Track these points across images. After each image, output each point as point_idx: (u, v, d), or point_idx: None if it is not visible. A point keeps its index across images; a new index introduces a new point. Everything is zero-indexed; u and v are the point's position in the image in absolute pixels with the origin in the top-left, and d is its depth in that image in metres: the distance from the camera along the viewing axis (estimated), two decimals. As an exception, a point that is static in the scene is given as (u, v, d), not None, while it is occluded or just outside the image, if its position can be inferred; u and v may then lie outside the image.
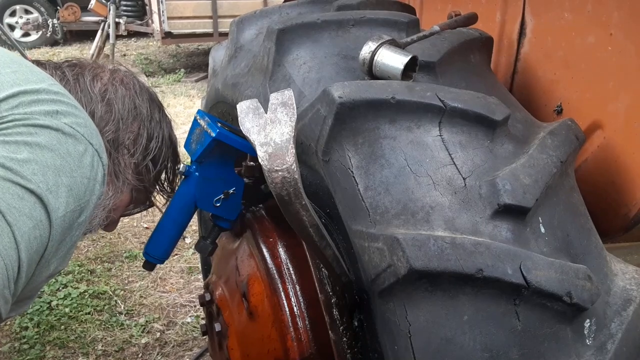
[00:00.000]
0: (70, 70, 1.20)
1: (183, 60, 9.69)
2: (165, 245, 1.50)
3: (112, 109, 1.21)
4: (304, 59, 1.29)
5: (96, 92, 1.20)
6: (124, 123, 1.22)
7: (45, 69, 1.15)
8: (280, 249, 1.45)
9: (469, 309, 0.93)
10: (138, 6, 8.79)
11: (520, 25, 1.59)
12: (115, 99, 1.22)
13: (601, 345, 0.99)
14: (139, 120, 1.26)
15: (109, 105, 1.20)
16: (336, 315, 1.14)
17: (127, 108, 1.23)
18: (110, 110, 1.20)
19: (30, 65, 1.02)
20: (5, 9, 9.76)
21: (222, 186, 1.45)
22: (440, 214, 0.98)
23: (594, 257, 1.09)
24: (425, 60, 1.20)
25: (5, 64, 0.98)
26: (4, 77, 0.94)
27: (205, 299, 1.64)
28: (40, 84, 0.97)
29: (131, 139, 1.24)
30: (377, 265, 0.97)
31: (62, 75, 1.18)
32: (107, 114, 1.20)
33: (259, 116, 0.93)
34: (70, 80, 1.18)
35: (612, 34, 1.29)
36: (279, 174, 0.88)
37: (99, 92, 1.20)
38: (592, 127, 1.36)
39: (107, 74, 1.26)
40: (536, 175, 1.02)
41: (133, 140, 1.24)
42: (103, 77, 1.23)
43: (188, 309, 3.18)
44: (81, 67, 1.23)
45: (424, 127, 1.07)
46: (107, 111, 1.20)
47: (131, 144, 1.24)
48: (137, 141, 1.25)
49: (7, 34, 5.03)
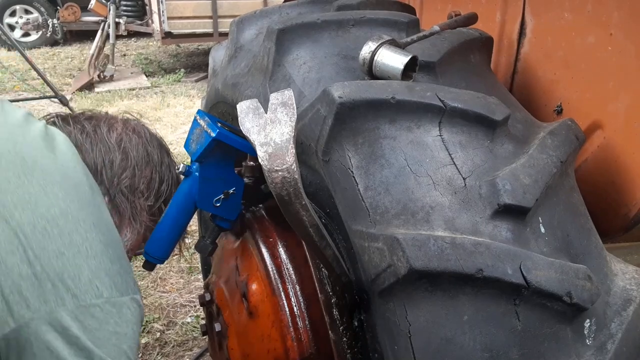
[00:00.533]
0: (88, 123, 1.31)
1: (183, 60, 9.69)
2: (165, 246, 1.50)
3: (128, 157, 1.32)
4: (304, 59, 1.29)
5: (113, 142, 1.30)
6: (139, 169, 1.33)
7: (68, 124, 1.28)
8: (280, 249, 1.45)
9: (469, 309, 0.93)
10: (138, 6, 8.78)
11: (520, 25, 1.59)
12: (130, 147, 1.33)
13: (601, 345, 1.00)
14: (152, 166, 1.37)
15: (125, 153, 1.31)
16: (336, 315, 1.14)
17: (141, 155, 1.34)
18: (126, 157, 1.31)
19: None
20: (5, 9, 9.75)
21: (222, 186, 1.45)
22: (440, 214, 0.98)
23: (594, 257, 1.09)
24: (425, 60, 1.20)
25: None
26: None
27: (205, 299, 1.64)
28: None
29: (145, 183, 1.35)
30: (377, 265, 0.97)
31: (82, 128, 1.29)
32: (123, 161, 1.31)
33: (259, 116, 0.93)
34: (90, 132, 1.29)
35: (612, 34, 1.29)
36: (279, 174, 0.88)
37: (115, 141, 1.31)
38: (592, 127, 1.36)
39: (121, 124, 1.37)
40: (536, 175, 1.02)
41: (147, 185, 1.35)
42: (117, 128, 1.35)
43: (188, 309, 3.18)
44: (97, 119, 1.34)
45: (424, 127, 1.07)
46: (124, 159, 1.31)
47: (145, 188, 1.35)
48: (150, 185, 1.36)
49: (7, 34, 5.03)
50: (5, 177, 1.02)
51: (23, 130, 1.13)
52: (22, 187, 1.02)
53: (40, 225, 1.00)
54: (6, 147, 1.06)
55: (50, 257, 0.99)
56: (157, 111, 6.74)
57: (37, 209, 1.01)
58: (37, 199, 1.03)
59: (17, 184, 1.02)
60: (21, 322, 0.96)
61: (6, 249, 0.96)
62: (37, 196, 1.03)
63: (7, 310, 0.95)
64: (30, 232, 0.99)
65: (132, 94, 7.46)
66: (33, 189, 1.03)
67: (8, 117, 1.15)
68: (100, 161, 1.26)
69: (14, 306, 0.95)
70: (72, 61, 9.37)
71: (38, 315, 0.96)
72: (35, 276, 0.97)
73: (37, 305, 0.96)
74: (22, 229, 0.99)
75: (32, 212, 1.00)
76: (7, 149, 1.06)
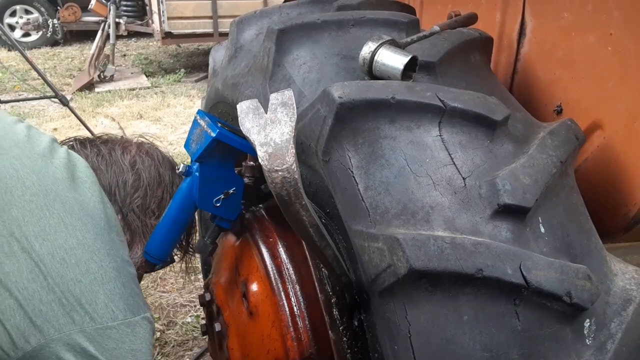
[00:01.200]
0: (104, 147, 1.41)
1: (183, 60, 9.69)
2: (165, 246, 1.50)
3: (141, 177, 1.40)
4: (304, 59, 1.29)
5: (127, 164, 1.39)
6: (151, 189, 1.41)
7: (85, 148, 1.38)
8: (280, 249, 1.45)
9: (469, 309, 0.93)
10: (138, 6, 8.78)
11: (520, 25, 1.59)
12: (142, 168, 1.41)
13: (601, 345, 1.00)
14: (163, 186, 1.45)
15: (138, 174, 1.40)
16: (336, 315, 1.14)
17: (153, 176, 1.43)
18: (138, 178, 1.40)
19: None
20: (5, 9, 9.75)
21: (222, 186, 1.45)
22: (440, 214, 0.98)
23: (594, 257, 1.09)
24: (425, 60, 1.20)
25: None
26: None
27: (205, 299, 1.64)
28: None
29: (156, 203, 1.43)
30: (377, 265, 0.97)
31: (99, 151, 1.38)
32: (136, 181, 1.39)
33: (259, 116, 0.93)
34: (106, 155, 1.38)
35: (612, 34, 1.29)
36: (279, 174, 0.88)
37: (129, 163, 1.40)
38: (592, 127, 1.36)
39: (135, 147, 1.46)
40: (536, 175, 1.02)
41: (158, 204, 1.43)
42: (131, 150, 1.44)
43: (188, 309, 3.18)
44: (112, 142, 1.44)
45: (423, 127, 1.07)
46: (136, 179, 1.39)
47: (156, 208, 1.43)
48: (161, 205, 1.44)
49: (7, 34, 5.03)
50: (29, 210, 1.10)
51: (47, 162, 1.20)
52: (43, 219, 1.11)
53: (59, 255, 1.09)
54: (31, 180, 1.14)
55: (68, 284, 1.07)
56: (157, 111, 6.74)
57: (56, 240, 1.10)
58: (56, 230, 1.11)
59: (39, 216, 1.11)
60: (42, 342, 1.04)
61: (28, 277, 1.05)
62: (57, 227, 1.11)
63: (30, 330, 1.03)
64: (50, 262, 1.07)
65: (132, 94, 7.46)
66: (53, 221, 1.11)
67: (34, 145, 1.22)
68: (114, 182, 1.35)
69: (37, 327, 1.04)
70: (73, 61, 9.37)
71: (58, 336, 1.05)
72: (55, 301, 1.05)
73: (58, 327, 1.05)
74: (41, 259, 1.07)
75: (51, 243, 1.09)
76: (31, 182, 1.14)
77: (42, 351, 1.04)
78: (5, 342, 1.03)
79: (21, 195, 1.11)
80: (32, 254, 1.06)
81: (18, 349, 1.04)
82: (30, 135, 1.25)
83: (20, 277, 1.05)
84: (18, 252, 1.06)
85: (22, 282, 1.04)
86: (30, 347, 1.04)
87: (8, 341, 1.03)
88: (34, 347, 1.04)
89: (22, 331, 1.03)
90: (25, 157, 1.18)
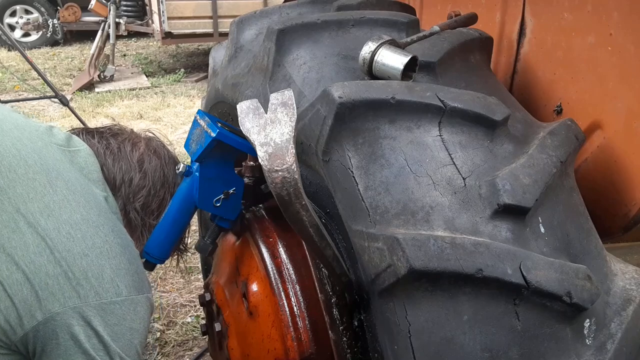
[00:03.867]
0: (114, 140, 1.41)
1: (183, 60, 9.69)
2: (165, 245, 1.50)
3: (146, 177, 1.41)
4: (304, 59, 1.29)
5: (135, 162, 1.40)
6: (154, 189, 1.42)
7: (92, 137, 1.38)
8: (280, 249, 1.45)
9: (468, 309, 0.93)
10: (138, 6, 8.78)
11: (520, 25, 1.59)
12: (149, 168, 1.42)
13: (601, 345, 1.00)
14: (166, 187, 1.45)
15: (144, 173, 1.41)
16: (336, 315, 1.14)
17: (158, 176, 1.43)
18: (144, 178, 1.40)
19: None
20: (5, 9, 9.74)
21: (222, 186, 1.45)
22: (440, 214, 0.98)
23: (594, 257, 1.09)
24: (425, 60, 1.20)
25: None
26: None
27: (205, 299, 1.64)
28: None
29: (157, 203, 1.43)
30: (377, 265, 0.97)
31: (107, 144, 1.38)
32: (142, 180, 1.39)
33: (259, 116, 0.93)
34: (114, 149, 1.38)
35: (612, 34, 1.29)
36: (279, 174, 0.88)
37: (137, 161, 1.40)
38: (592, 127, 1.36)
39: (144, 143, 1.46)
40: (536, 175, 1.02)
41: (158, 204, 1.44)
42: (140, 147, 1.44)
43: (188, 309, 3.18)
44: (122, 136, 1.44)
45: (423, 127, 1.07)
46: (142, 178, 1.40)
47: (156, 208, 1.44)
48: (162, 205, 1.45)
49: (7, 34, 5.03)
50: (33, 187, 1.11)
51: (46, 143, 1.22)
52: (47, 195, 1.12)
53: (65, 230, 1.10)
54: (33, 159, 1.15)
55: (75, 258, 1.09)
56: (157, 111, 6.74)
57: (61, 216, 1.11)
58: (60, 206, 1.12)
59: (43, 193, 1.12)
60: (48, 315, 1.05)
61: (34, 251, 1.06)
62: (61, 204, 1.12)
63: (37, 304, 1.05)
64: (56, 236, 1.08)
65: (132, 94, 7.45)
66: (57, 197, 1.13)
67: (33, 129, 1.24)
68: (120, 178, 1.36)
69: (43, 301, 1.05)
70: (73, 61, 9.37)
71: (64, 309, 1.06)
72: (61, 275, 1.07)
73: (63, 301, 1.06)
74: (47, 233, 1.08)
75: (56, 218, 1.10)
76: (33, 160, 1.15)
77: (47, 325, 1.05)
78: (13, 317, 1.04)
79: (24, 174, 1.12)
80: (38, 228, 1.07)
81: (25, 324, 1.05)
82: (28, 121, 1.27)
83: (27, 252, 1.05)
84: (24, 228, 1.07)
85: (29, 256, 1.05)
86: (36, 322, 1.05)
87: (15, 316, 1.04)
88: (39, 321, 1.05)
89: (29, 305, 1.04)
90: (25, 139, 1.19)
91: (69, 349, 1.08)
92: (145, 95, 7.50)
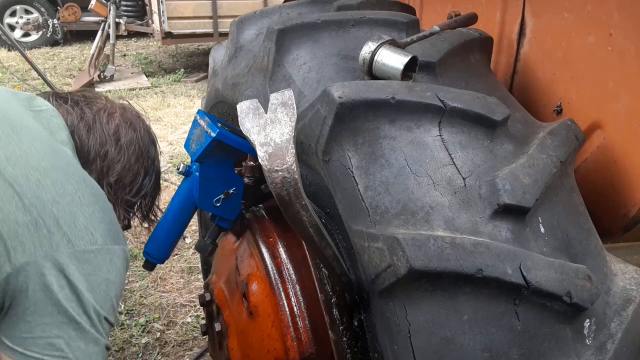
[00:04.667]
0: (89, 110, 1.33)
1: (183, 60, 9.69)
2: (165, 245, 1.50)
3: (122, 151, 1.35)
4: (304, 59, 1.29)
5: (111, 134, 1.34)
6: (129, 163, 1.36)
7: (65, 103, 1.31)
8: (280, 249, 1.45)
9: (468, 309, 0.93)
10: (138, 6, 8.78)
11: (520, 25, 1.59)
12: (125, 142, 1.36)
13: (601, 345, 1.00)
14: (141, 161, 1.40)
15: (120, 147, 1.35)
16: (336, 315, 1.14)
17: (133, 150, 1.37)
18: (120, 152, 1.34)
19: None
20: (5, 9, 9.74)
21: (222, 186, 1.45)
22: (440, 214, 0.98)
23: (594, 257, 1.09)
24: (425, 60, 1.20)
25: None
26: None
27: (205, 299, 1.64)
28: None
29: (131, 177, 1.38)
30: (377, 265, 0.97)
31: (82, 113, 1.31)
32: (117, 155, 1.34)
33: (259, 116, 0.93)
34: (89, 120, 1.32)
35: (612, 34, 1.29)
36: (279, 174, 0.88)
37: (113, 134, 1.34)
38: (592, 127, 1.36)
39: (119, 114, 1.39)
40: (536, 175, 1.02)
41: (132, 179, 1.38)
42: (116, 118, 1.38)
43: (188, 309, 3.18)
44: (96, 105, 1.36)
45: (423, 127, 1.07)
46: (118, 152, 1.34)
47: (129, 182, 1.38)
48: (135, 180, 1.39)
49: (7, 34, 5.03)
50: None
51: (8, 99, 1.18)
52: (12, 143, 1.07)
53: (34, 177, 1.04)
54: None
55: (45, 205, 1.03)
56: (157, 111, 6.74)
57: (29, 162, 1.05)
58: (27, 153, 1.07)
59: (7, 141, 1.07)
60: (18, 265, 0.99)
61: (2, 197, 1.00)
62: (28, 152, 1.07)
63: (5, 254, 0.99)
64: (25, 183, 1.02)
65: (132, 94, 7.46)
66: (23, 146, 1.07)
67: None
68: (95, 150, 1.29)
69: (12, 250, 0.99)
70: (73, 61, 9.37)
71: (34, 259, 1.00)
72: (31, 223, 1.01)
73: (33, 250, 1.00)
74: (15, 179, 1.02)
75: (24, 165, 1.05)
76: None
77: (18, 276, 1.00)
78: None
79: None
80: (5, 175, 1.01)
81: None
82: None
83: None
84: None
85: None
86: (5, 274, 0.99)
87: None
88: (9, 272, 0.99)
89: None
90: None
91: (39, 301, 1.01)
92: (145, 95, 7.51)
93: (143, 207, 1.47)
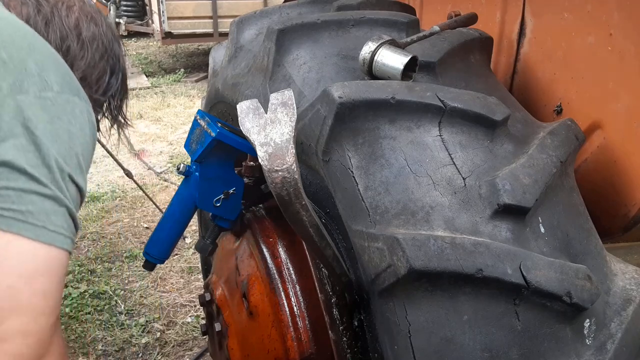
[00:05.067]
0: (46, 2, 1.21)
1: (183, 60, 9.69)
2: (165, 245, 1.50)
3: (84, 46, 1.25)
4: (304, 59, 1.29)
5: (71, 27, 1.23)
6: (93, 60, 1.26)
7: None
8: (280, 249, 1.45)
9: (468, 309, 0.93)
10: (138, 6, 8.80)
11: (520, 26, 1.59)
12: (87, 36, 1.26)
13: (601, 345, 1.00)
14: (105, 58, 1.30)
15: (82, 42, 1.25)
16: (336, 315, 1.14)
17: (96, 46, 1.27)
18: (82, 46, 1.24)
19: None
20: (5, 9, 9.75)
21: (222, 186, 1.45)
22: (440, 214, 0.98)
23: (594, 257, 1.09)
24: (425, 60, 1.20)
25: None
26: None
27: (205, 299, 1.64)
28: None
29: (97, 76, 1.28)
30: (377, 265, 0.97)
31: (38, 6, 1.20)
32: (81, 50, 1.24)
33: (259, 116, 0.93)
34: (47, 13, 1.20)
35: (612, 34, 1.29)
36: (279, 174, 0.88)
37: (73, 27, 1.24)
38: (592, 127, 1.36)
39: (78, 6, 1.28)
40: (536, 175, 1.02)
41: (97, 78, 1.29)
42: (75, 11, 1.26)
43: (188, 309, 3.18)
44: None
45: (423, 127, 1.07)
46: (81, 48, 1.24)
47: (95, 81, 1.28)
48: (101, 78, 1.30)
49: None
50: None
51: None
52: None
53: None
54: None
55: None
56: (157, 111, 6.74)
57: None
58: None
59: None
60: None
61: None
62: None
63: None
64: None
65: (132, 94, 7.44)
66: None
67: None
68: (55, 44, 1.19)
69: None
70: (72, 61, 9.37)
71: None
72: None
73: None
74: None
75: None
76: None
77: None
78: None
79: None
80: None
81: None
82: None
83: None
84: None
85: None
86: None
87: None
88: None
89: None
90: None
91: None
92: (145, 95, 7.51)
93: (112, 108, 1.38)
